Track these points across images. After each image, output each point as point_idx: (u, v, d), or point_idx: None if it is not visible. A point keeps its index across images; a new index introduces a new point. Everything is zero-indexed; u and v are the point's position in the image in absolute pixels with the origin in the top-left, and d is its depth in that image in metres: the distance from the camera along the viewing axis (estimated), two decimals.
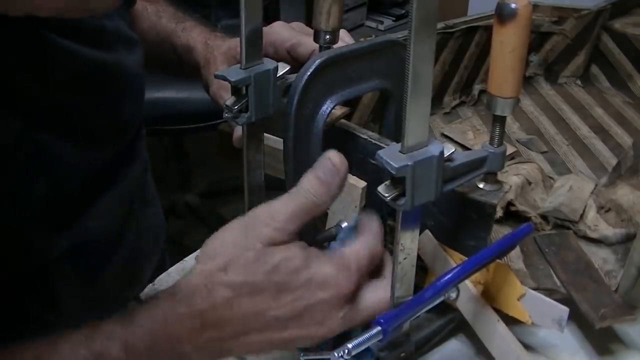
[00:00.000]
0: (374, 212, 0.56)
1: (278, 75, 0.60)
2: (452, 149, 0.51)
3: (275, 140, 0.67)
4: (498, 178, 0.59)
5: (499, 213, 0.70)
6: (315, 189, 0.51)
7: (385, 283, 0.54)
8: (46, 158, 0.61)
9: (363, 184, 0.60)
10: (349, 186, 0.60)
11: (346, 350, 0.48)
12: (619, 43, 1.09)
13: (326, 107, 0.59)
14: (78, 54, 0.63)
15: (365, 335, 0.50)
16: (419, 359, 0.61)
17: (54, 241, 0.64)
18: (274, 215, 0.51)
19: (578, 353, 0.62)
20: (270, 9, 2.13)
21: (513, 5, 0.51)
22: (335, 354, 0.49)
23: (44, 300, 0.65)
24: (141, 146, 0.79)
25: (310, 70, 0.57)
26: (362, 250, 0.53)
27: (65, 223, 0.65)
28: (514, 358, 0.57)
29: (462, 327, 0.62)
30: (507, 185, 0.61)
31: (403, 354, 0.56)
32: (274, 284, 0.50)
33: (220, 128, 0.78)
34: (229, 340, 0.51)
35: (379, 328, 0.50)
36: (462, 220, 0.59)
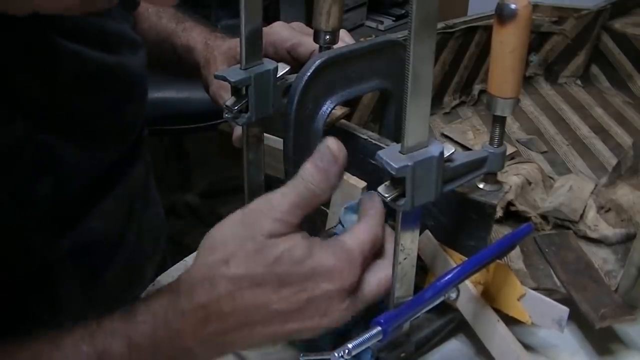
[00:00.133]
0: (373, 193, 0.54)
1: (278, 76, 0.60)
2: (452, 149, 0.51)
3: (275, 140, 0.67)
4: (498, 178, 0.59)
5: (499, 213, 0.70)
6: (314, 178, 0.50)
7: (386, 263, 0.53)
8: (49, 159, 0.61)
9: (363, 184, 0.60)
10: (349, 186, 0.60)
11: (346, 350, 0.48)
12: (619, 43, 1.09)
13: (326, 107, 0.59)
14: (82, 55, 0.63)
15: (365, 335, 0.50)
16: (419, 359, 0.61)
17: (56, 242, 0.64)
18: (274, 207, 0.50)
19: (578, 353, 0.62)
20: (270, 9, 2.14)
21: (513, 6, 0.51)
22: (335, 354, 0.49)
23: (46, 300, 0.65)
24: (143, 147, 0.79)
25: (310, 70, 0.57)
26: (365, 237, 0.52)
27: (68, 223, 0.65)
28: (514, 358, 0.57)
29: (462, 327, 0.62)
30: (507, 185, 0.61)
31: (403, 354, 0.56)
32: (276, 275, 0.49)
33: (220, 128, 0.78)
34: (232, 333, 0.50)
35: (379, 328, 0.50)
36: (462, 221, 0.59)
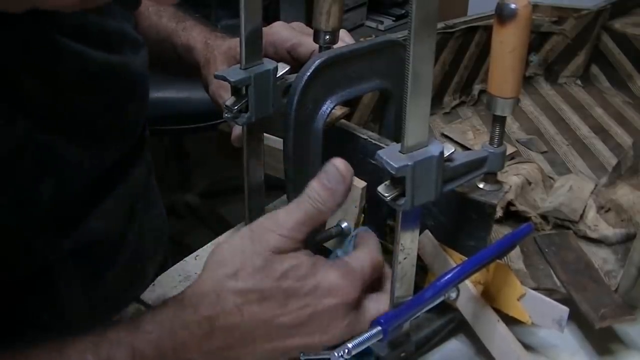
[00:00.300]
0: (369, 228, 0.58)
1: (278, 76, 0.60)
2: (452, 149, 0.51)
3: (275, 140, 0.67)
4: (498, 178, 0.59)
5: (499, 213, 0.70)
6: (321, 196, 0.52)
7: (385, 297, 0.54)
8: (51, 159, 0.61)
9: (363, 184, 0.60)
10: None
11: (346, 350, 0.49)
12: (619, 43, 1.09)
13: (326, 107, 0.59)
14: (83, 55, 0.63)
15: (365, 335, 0.50)
16: (419, 359, 0.61)
17: (58, 242, 0.64)
18: (280, 224, 0.52)
19: (578, 353, 0.62)
20: (270, 9, 2.13)
21: (513, 6, 0.51)
22: (335, 354, 0.49)
23: (47, 300, 0.65)
24: (145, 147, 0.79)
25: (310, 70, 0.57)
26: (366, 259, 0.54)
27: (69, 224, 0.65)
28: (514, 358, 0.57)
29: (462, 327, 0.62)
30: (507, 185, 0.61)
31: (403, 354, 0.56)
32: (282, 290, 0.50)
33: (220, 128, 0.78)
34: (237, 348, 0.51)
35: (379, 328, 0.51)
36: (462, 220, 0.59)
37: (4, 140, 0.56)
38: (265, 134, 0.63)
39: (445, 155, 0.49)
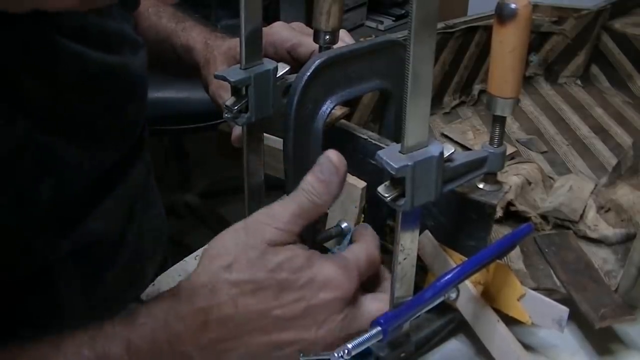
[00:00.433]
0: (367, 225, 0.58)
1: (278, 76, 0.60)
2: (452, 149, 0.51)
3: (275, 140, 0.67)
4: (498, 178, 0.59)
5: (499, 213, 0.70)
6: (315, 189, 0.52)
7: (383, 296, 0.54)
8: (51, 160, 0.61)
9: (363, 184, 0.60)
10: (349, 186, 0.60)
11: (346, 350, 0.49)
12: (619, 43, 1.09)
13: (326, 107, 0.59)
14: (83, 55, 0.63)
15: (365, 335, 0.50)
16: (419, 359, 0.61)
17: (57, 242, 0.64)
18: (275, 217, 0.52)
19: (578, 353, 0.62)
20: (270, 9, 2.13)
21: (513, 5, 0.51)
22: (335, 354, 0.49)
23: (47, 300, 0.65)
24: (144, 148, 0.79)
25: (310, 70, 0.57)
26: (362, 254, 0.54)
27: (69, 224, 0.65)
28: (514, 358, 0.57)
29: (462, 327, 0.62)
30: (507, 185, 0.61)
31: (403, 354, 0.56)
32: (277, 282, 0.50)
33: (220, 128, 0.78)
34: (231, 340, 0.51)
35: (379, 328, 0.51)
36: (462, 221, 0.59)
37: (4, 140, 0.56)
38: (265, 134, 0.63)
39: (445, 156, 0.49)
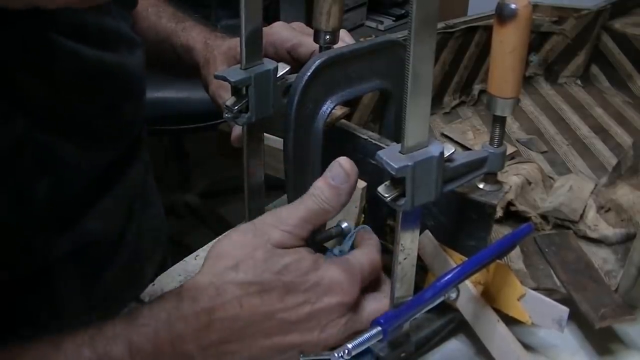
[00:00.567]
0: (369, 228, 0.59)
1: (278, 76, 0.60)
2: (452, 149, 0.51)
3: (275, 140, 0.67)
4: (498, 178, 0.59)
5: (499, 213, 0.70)
6: (325, 195, 0.52)
7: (382, 295, 0.55)
8: (49, 159, 0.61)
9: (363, 184, 0.60)
10: None
11: (346, 351, 0.49)
12: (619, 43, 1.09)
13: (326, 107, 0.59)
14: (80, 53, 0.63)
15: (365, 335, 0.50)
16: (419, 359, 0.61)
17: (56, 242, 0.64)
18: (283, 220, 0.52)
19: (578, 353, 0.62)
20: (270, 9, 2.13)
21: (513, 6, 0.51)
22: (335, 354, 0.49)
23: (46, 300, 0.65)
24: (143, 147, 0.79)
25: (310, 70, 0.57)
26: (365, 259, 0.54)
27: (67, 223, 0.65)
28: (514, 358, 0.57)
29: (462, 327, 0.62)
30: (507, 185, 0.61)
31: (403, 354, 0.56)
32: (282, 284, 0.50)
33: (220, 128, 0.78)
34: (235, 342, 0.50)
35: (379, 328, 0.51)
36: (462, 221, 0.59)
37: (2, 138, 0.56)
38: (265, 134, 0.63)
39: (445, 156, 0.49)
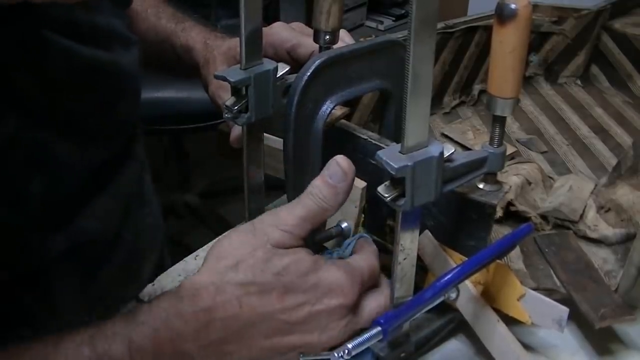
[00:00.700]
0: (368, 237, 0.59)
1: (278, 76, 0.60)
2: (452, 149, 0.51)
3: (275, 140, 0.67)
4: (498, 178, 0.59)
5: (499, 213, 0.70)
6: (323, 193, 0.52)
7: (380, 291, 0.55)
8: (42, 157, 0.61)
9: (363, 184, 0.60)
10: None
11: (346, 350, 0.49)
12: (619, 43, 1.09)
13: (326, 107, 0.59)
14: (74, 52, 0.62)
15: (365, 335, 0.50)
16: (419, 359, 0.61)
17: (51, 241, 0.64)
18: (282, 219, 0.52)
19: (578, 353, 0.62)
20: (270, 9, 2.13)
21: (513, 6, 0.51)
22: (335, 354, 0.49)
23: (42, 299, 0.65)
24: (138, 146, 0.79)
25: (310, 70, 0.57)
26: (364, 263, 0.54)
27: (63, 222, 0.65)
28: (514, 358, 0.57)
29: (462, 327, 0.62)
30: (507, 185, 0.61)
31: (403, 354, 0.56)
32: (282, 285, 0.50)
33: (219, 128, 0.78)
34: (234, 342, 0.50)
35: (379, 328, 0.51)
36: (462, 221, 0.59)
37: None
38: (265, 134, 0.63)
39: (445, 156, 0.49)
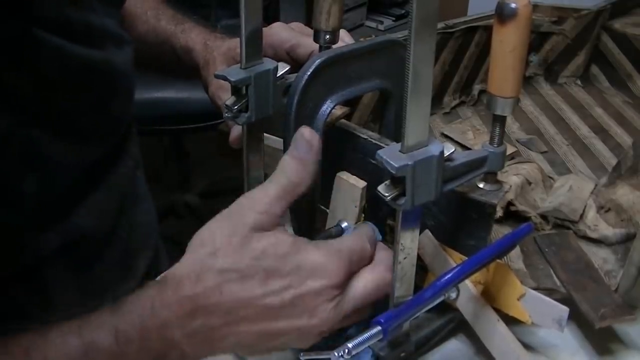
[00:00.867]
0: (368, 222, 0.58)
1: (278, 75, 0.60)
2: (452, 149, 0.51)
3: (275, 140, 0.67)
4: (498, 178, 0.59)
5: (499, 213, 0.70)
6: (292, 168, 0.52)
7: (373, 265, 0.54)
8: (35, 155, 0.61)
9: (363, 184, 0.60)
10: (349, 186, 0.60)
11: (346, 350, 0.48)
12: (619, 43, 1.09)
13: (326, 107, 0.59)
14: (66, 50, 0.62)
15: (365, 335, 0.50)
16: (419, 359, 0.61)
17: (45, 238, 0.64)
18: (257, 200, 0.52)
19: (578, 353, 0.62)
20: (270, 9, 2.13)
21: (513, 5, 0.51)
22: (335, 354, 0.49)
23: (37, 297, 0.66)
24: (132, 144, 0.78)
25: (310, 70, 0.57)
26: (352, 243, 0.53)
27: (57, 219, 0.65)
28: (514, 358, 0.57)
29: (462, 327, 0.62)
30: (507, 185, 0.61)
31: (403, 354, 0.56)
32: (262, 269, 0.50)
33: (219, 128, 0.78)
34: (220, 329, 0.50)
35: (379, 328, 0.50)
36: (462, 220, 0.59)
37: None
38: (265, 134, 0.63)
39: (445, 155, 0.49)
